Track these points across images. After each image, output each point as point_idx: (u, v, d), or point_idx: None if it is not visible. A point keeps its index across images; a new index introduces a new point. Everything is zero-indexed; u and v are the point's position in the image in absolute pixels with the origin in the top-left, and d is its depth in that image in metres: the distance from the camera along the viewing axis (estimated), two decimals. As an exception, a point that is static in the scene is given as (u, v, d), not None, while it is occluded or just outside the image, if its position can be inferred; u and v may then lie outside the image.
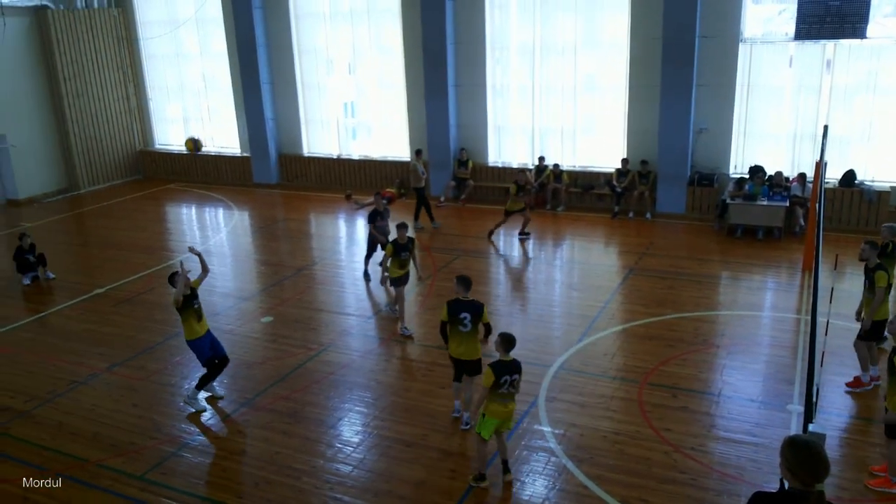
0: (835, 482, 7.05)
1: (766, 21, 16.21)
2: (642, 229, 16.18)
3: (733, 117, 16.67)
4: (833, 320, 9.26)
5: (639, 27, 16.91)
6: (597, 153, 18.34)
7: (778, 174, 15.88)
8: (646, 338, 10.51)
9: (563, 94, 18.29)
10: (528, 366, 9.65)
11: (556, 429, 8.22)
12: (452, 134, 19.21)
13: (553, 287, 13.26)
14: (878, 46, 15.41)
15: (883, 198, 15.44)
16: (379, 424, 8.46)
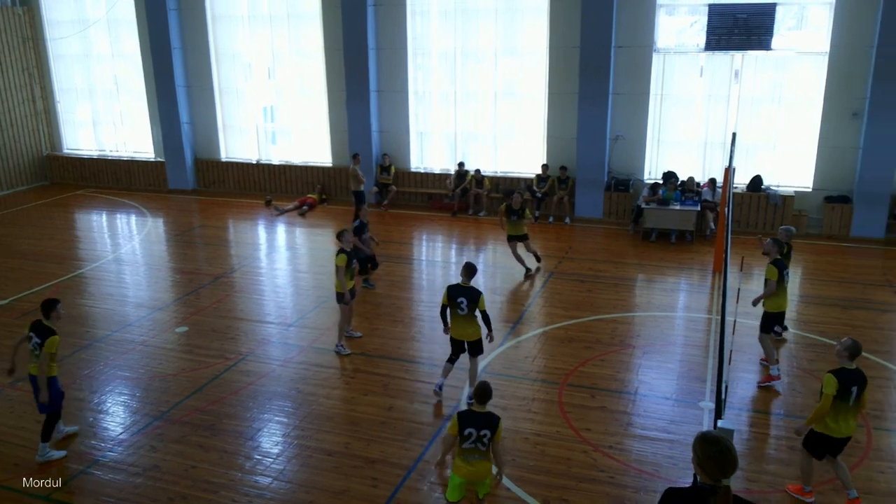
0: (743, 475, 7.32)
1: (678, 32, 16.81)
2: (562, 234, 16.49)
3: (647, 125, 17.22)
4: (741, 319, 9.67)
5: (557, 36, 17.26)
6: (517, 159, 18.62)
7: (690, 180, 16.48)
8: (565, 340, 10.69)
9: (484, 101, 18.50)
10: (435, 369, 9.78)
11: (479, 432, 8.25)
12: (374, 139, 19.14)
13: (475, 292, 13.34)
14: (782, 58, 16.20)
15: (787, 202, 16.21)
16: (299, 434, 8.31)
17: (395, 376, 9.64)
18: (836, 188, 16.22)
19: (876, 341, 10.57)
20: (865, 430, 8.18)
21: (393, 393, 9.20)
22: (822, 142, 16.08)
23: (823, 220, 16.21)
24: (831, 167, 16.15)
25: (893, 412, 8.72)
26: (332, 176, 20.00)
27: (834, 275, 13.67)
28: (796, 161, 16.52)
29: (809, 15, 15.95)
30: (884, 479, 7.31)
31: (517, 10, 17.67)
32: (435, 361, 10.16)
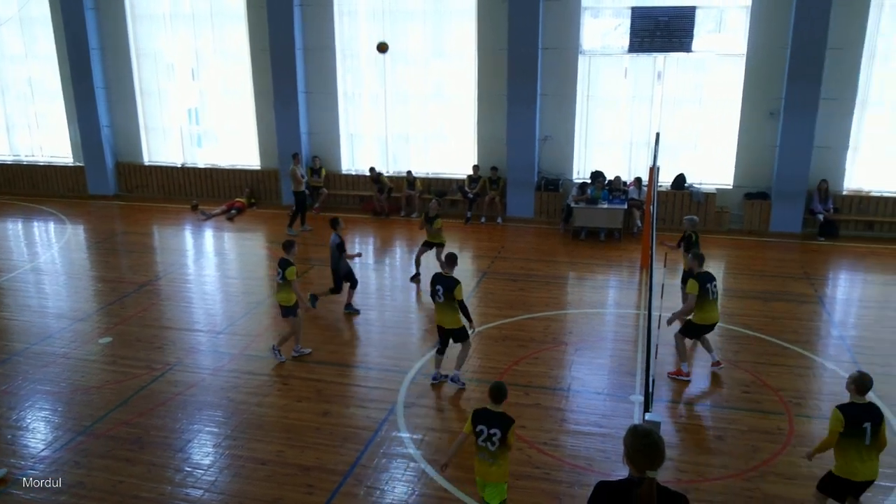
0: (673, 465, 7.51)
1: (603, 35, 17.17)
2: (494, 234, 16.62)
3: (575, 125, 17.51)
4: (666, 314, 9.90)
5: (485, 38, 17.40)
6: (449, 160, 18.67)
7: (617, 179, 16.85)
8: (499, 339, 10.77)
9: (415, 102, 18.49)
10: (385, 373, 9.74)
11: (415, 434, 8.24)
12: (304, 141, 18.88)
13: (409, 294, 13.29)
14: (702, 60, 16.73)
15: (710, 199, 16.75)
16: (231, 444, 8.11)
17: (330, 381, 9.52)
18: (756, 185, 16.84)
19: (795, 332, 11.00)
20: (787, 417, 8.49)
21: (327, 398, 9.08)
22: (742, 140, 16.68)
23: (744, 216, 16.81)
24: (750, 165, 16.77)
25: (813, 399, 9.09)
26: (261, 179, 19.64)
27: (755, 268, 14.18)
28: (717, 159, 17.09)
29: (727, 18, 16.52)
30: (806, 464, 7.59)
31: (445, 13, 17.73)
32: (370, 365, 10.10)
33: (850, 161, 16.44)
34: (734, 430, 8.25)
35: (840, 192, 16.52)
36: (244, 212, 18.67)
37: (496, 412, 6.12)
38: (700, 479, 7.38)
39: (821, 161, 16.20)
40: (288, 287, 9.71)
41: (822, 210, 16.13)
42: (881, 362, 9.93)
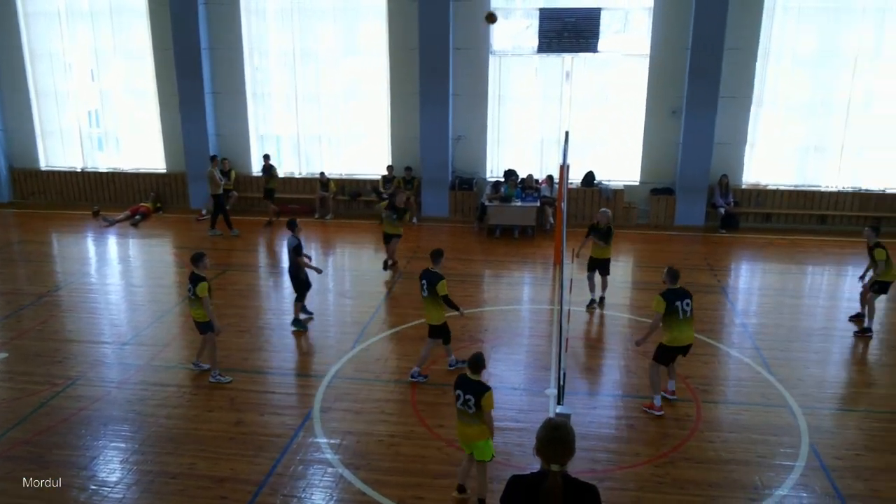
0: (588, 456, 7.66)
1: (514, 35, 17.40)
2: (409, 234, 16.54)
3: (487, 125, 17.69)
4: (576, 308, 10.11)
5: (396, 38, 17.36)
6: (362, 160, 18.53)
7: (529, 177, 17.12)
8: (416, 339, 10.74)
9: (327, 102, 18.27)
10: (301, 378, 9.58)
11: (332, 439, 8.12)
12: (212, 143, 18.36)
13: (325, 296, 13.11)
14: (608, 60, 17.18)
15: (618, 195, 17.23)
16: (139, 459, 7.78)
17: (243, 389, 9.27)
18: (661, 181, 17.43)
19: (701, 321, 11.37)
20: (695, 404, 8.81)
21: (241, 407, 8.84)
22: (647, 138, 17.23)
23: (650, 211, 17.37)
24: (655, 162, 17.34)
25: (719, 385, 9.47)
26: (167, 183, 19.00)
27: (662, 261, 14.58)
28: (624, 157, 17.60)
29: (632, 19, 17.02)
30: (712, 447, 7.90)
31: (356, 11, 17.60)
32: (285, 371, 9.90)
33: (748, 156, 17.24)
34: (645, 418, 8.50)
35: (739, 186, 17.29)
36: (149, 217, 18.01)
37: (473, 380, 6.62)
38: (614, 467, 7.56)
39: (721, 157, 16.92)
40: (200, 303, 9.33)
41: (722, 204, 16.84)
42: (781, 347, 10.44)
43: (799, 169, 17.31)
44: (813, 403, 8.80)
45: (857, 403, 9.00)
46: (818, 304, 12.91)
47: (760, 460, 7.64)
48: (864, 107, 16.72)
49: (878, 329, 11.29)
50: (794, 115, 17.05)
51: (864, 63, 16.42)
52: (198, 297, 9.14)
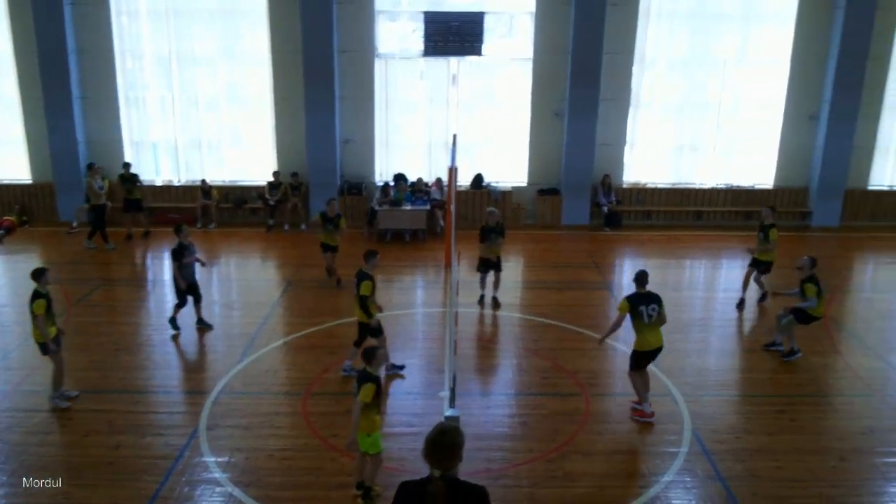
0: (482, 455, 7.67)
1: (401, 38, 17.34)
2: (298, 241, 16.23)
3: (375, 128, 17.56)
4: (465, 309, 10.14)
5: (279, 41, 16.95)
6: (247, 167, 17.99)
7: (419, 180, 17.11)
8: (307, 348, 10.49)
9: (207, 106, 17.62)
10: (186, 395, 9.14)
11: (220, 457, 7.77)
12: (81, 151, 17.32)
13: (211, 308, 12.55)
14: (494, 63, 17.42)
15: (507, 196, 17.49)
16: (7, 493, 7.17)
17: (122, 411, 8.73)
18: (547, 182, 17.83)
19: (588, 317, 11.73)
20: (584, 398, 9.00)
21: (120, 429, 8.32)
22: (533, 140, 17.59)
23: (538, 212, 17.74)
24: (541, 163, 17.73)
25: (606, 378, 9.72)
26: (34, 194, 17.78)
27: (549, 260, 14.99)
28: (512, 159, 17.89)
29: (517, 24, 17.32)
30: (601, 439, 8.09)
31: (234, 13, 17.05)
32: (168, 388, 9.41)
33: (628, 156, 17.90)
34: (537, 415, 8.62)
35: (621, 186, 17.92)
36: (14, 232, 16.77)
37: (363, 371, 6.72)
38: (507, 465, 7.61)
39: (603, 157, 17.48)
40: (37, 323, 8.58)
41: (606, 203, 17.41)
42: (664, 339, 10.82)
43: (675, 168, 18.13)
44: (694, 391, 9.18)
45: (735, 389, 9.46)
46: (697, 295, 13.53)
47: (647, 448, 7.90)
48: (734, 108, 17.70)
49: (753, 317, 11.95)
50: (669, 116, 17.84)
51: (732, 66, 17.39)
52: (35, 316, 8.51)
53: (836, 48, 16.68)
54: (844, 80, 16.77)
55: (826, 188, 17.44)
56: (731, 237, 16.79)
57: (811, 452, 7.86)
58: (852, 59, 16.63)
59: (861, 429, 8.40)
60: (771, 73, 17.38)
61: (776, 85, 17.41)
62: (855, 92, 16.87)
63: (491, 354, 10.63)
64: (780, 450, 7.89)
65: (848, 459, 7.73)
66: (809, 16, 16.88)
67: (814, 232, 17.46)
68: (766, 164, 17.97)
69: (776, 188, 18.01)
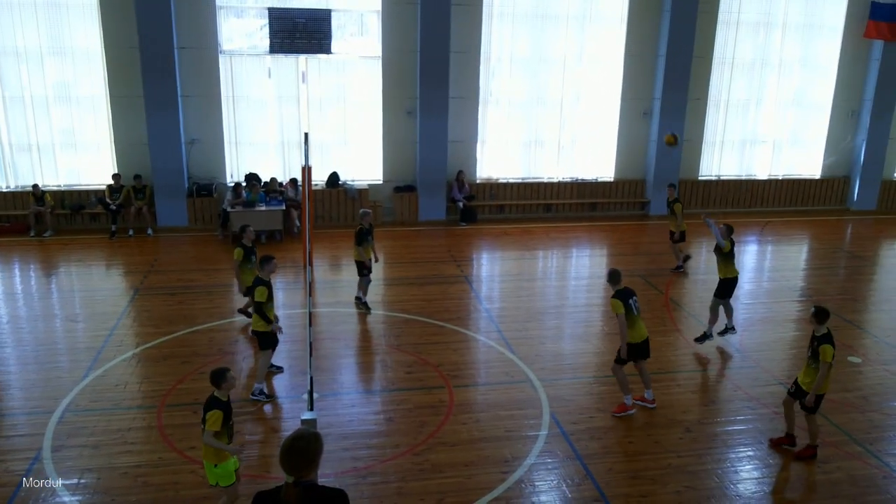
0: (350, 455, 7.65)
1: (248, 35, 16.84)
2: (145, 246, 15.42)
3: (223, 127, 16.98)
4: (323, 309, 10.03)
5: (111, 35, 15.99)
6: (83, 170, 16.85)
7: (272, 180, 16.72)
8: (160, 359, 10.00)
9: (35, 106, 16.33)
10: (27, 417, 8.47)
11: (69, 479, 7.25)
12: None
13: (52, 322, 11.67)
14: (344, 61, 17.30)
15: (363, 194, 17.47)
16: None
17: (-50, 438, 7.97)
18: (403, 179, 17.98)
19: (448, 310, 11.97)
20: (447, 389, 9.18)
21: (-52, 459, 7.58)
22: (386, 138, 17.68)
23: (395, 209, 17.85)
24: (396, 160, 17.85)
25: (468, 369, 9.96)
26: None
27: (408, 256, 15.13)
28: (367, 156, 17.88)
29: (366, 22, 17.29)
30: (466, 429, 8.29)
31: (61, 5, 15.86)
32: (6, 410, 8.66)
33: (480, 152, 18.39)
34: (402, 410, 8.70)
35: (474, 181, 18.38)
36: None
37: (212, 396, 6.25)
38: (375, 462, 7.63)
39: (456, 154, 17.87)
40: None
41: (460, 198, 17.80)
42: (520, 327, 11.26)
43: (524, 162, 18.84)
44: (550, 376, 9.61)
45: (587, 371, 9.97)
46: (549, 285, 14.15)
47: (509, 434, 8.18)
48: (575, 105, 18.62)
49: (600, 302, 12.64)
50: (515, 112, 18.49)
51: (571, 65, 18.28)
52: None
53: (664, 47, 17.98)
54: (672, 78, 18.11)
55: (660, 180, 18.75)
56: (579, 227, 17.68)
57: (659, 426, 8.45)
58: (679, 58, 17.99)
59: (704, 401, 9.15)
60: (606, 71, 18.46)
61: (612, 83, 18.52)
62: (682, 88, 18.26)
63: (355, 353, 10.59)
64: (631, 426, 8.42)
65: (693, 430, 8.38)
66: (639, 17, 18.08)
67: (651, 220, 18.74)
68: (606, 158, 19.07)
69: (617, 180, 19.15)
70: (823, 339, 7.52)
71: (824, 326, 7.57)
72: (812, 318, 7.63)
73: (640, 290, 12.95)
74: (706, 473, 7.57)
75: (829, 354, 7.44)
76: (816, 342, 7.54)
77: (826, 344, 7.47)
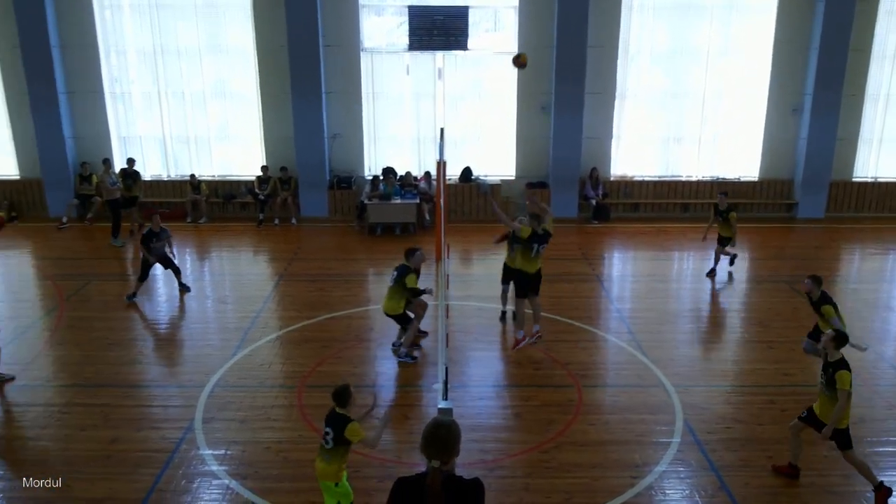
0: (478, 447, 7.77)
1: (387, 32, 17.35)
2: (289, 235, 16.25)
3: (363, 122, 17.58)
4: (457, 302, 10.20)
5: (264, 35, 16.91)
6: (235, 161, 17.97)
7: (407, 174, 17.15)
8: (301, 342, 10.54)
9: (194, 101, 17.55)
10: (181, 389, 9.16)
11: (217, 450, 7.82)
12: (69, 147, 17.24)
13: (204, 302, 12.60)
14: (479, 57, 17.46)
15: (495, 190, 17.54)
16: (6, 486, 7.19)
17: (117, 405, 8.76)
18: (535, 175, 17.93)
19: (578, 309, 11.85)
20: (576, 389, 9.12)
21: (115, 423, 8.34)
22: (520, 133, 17.68)
23: (526, 205, 17.79)
24: (529, 156, 17.82)
25: (598, 370, 9.85)
26: (22, 190, 17.68)
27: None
28: (500, 152, 17.98)
29: (501, 17, 17.37)
30: (594, 430, 8.20)
31: (219, 6, 16.96)
32: (163, 382, 9.43)
33: (615, 149, 18.03)
34: (530, 406, 8.72)
35: (608, 178, 18.06)
36: (3, 227, 16.63)
37: (337, 413, 6.07)
38: (503, 456, 7.70)
39: (590, 150, 17.61)
40: None
41: (594, 195, 17.54)
42: (653, 330, 10.98)
43: (662, 160, 18.29)
44: (685, 382, 9.31)
45: (725, 379, 9.60)
46: (685, 287, 13.70)
47: (639, 439, 8.01)
48: (718, 100, 17.87)
49: (740, 308, 12.12)
50: (654, 108, 17.98)
51: (714, 59, 17.54)
52: None
53: (818, 40, 16.88)
54: (826, 72, 16.98)
55: (811, 180, 17.66)
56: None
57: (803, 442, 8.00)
58: (833, 50, 16.84)
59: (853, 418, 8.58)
60: (753, 65, 17.56)
61: (759, 77, 17.60)
62: (836, 84, 17.09)
63: (484, 347, 10.70)
64: (770, 440, 8.02)
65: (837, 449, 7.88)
66: (790, 7, 17.07)
67: (799, 223, 17.70)
68: (751, 156, 18.17)
69: (762, 180, 18.22)
70: (839, 364, 6.72)
71: (839, 352, 6.77)
72: (830, 341, 6.79)
73: (785, 298, 12.36)
74: (853, 496, 7.11)
75: (846, 381, 6.64)
76: (832, 368, 6.74)
77: (843, 370, 6.66)
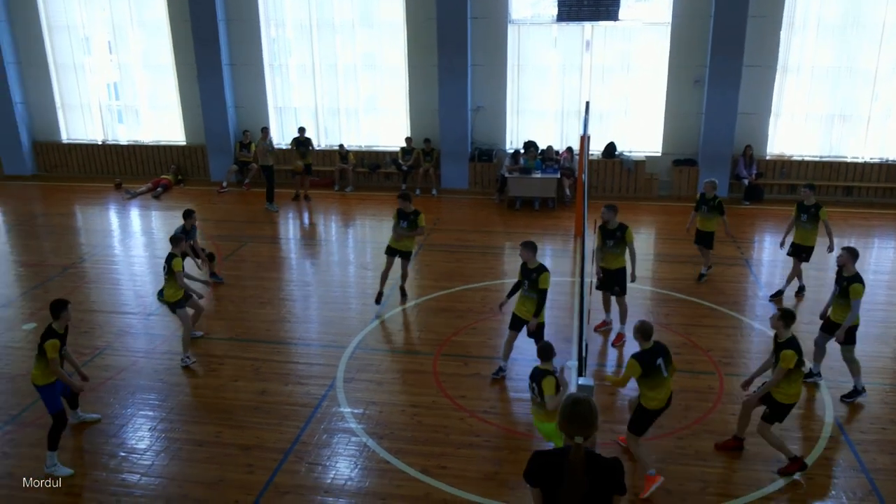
0: (609, 427, 7.68)
1: (533, 4, 17.14)
2: (429, 205, 16.55)
3: (507, 95, 17.53)
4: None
5: (413, 8, 17.17)
6: (381, 133, 18.48)
7: (549, 148, 16.98)
8: (437, 311, 10.78)
9: (345, 73, 18.17)
10: (324, 349, 9.65)
11: (356, 408, 8.20)
12: (231, 115, 18.38)
13: (346, 268, 13.19)
14: (629, 28, 16.90)
15: (639, 167, 17.06)
16: (167, 427, 7.92)
17: (266, 359, 9.38)
18: (683, 152, 17.23)
19: (723, 293, 11.37)
20: (717, 376, 8.78)
21: (265, 377, 8.95)
22: (669, 108, 17.00)
23: (672, 183, 17.20)
24: (677, 132, 17.12)
25: (741, 358, 9.43)
26: (188, 155, 19.09)
27: (683, 233, 14.47)
28: (646, 127, 17.39)
29: (654, -14, 16.71)
30: (735, 420, 7.86)
31: (372, -20, 17.40)
32: (308, 341, 9.97)
33: (773, 126, 16.98)
34: (668, 391, 8.48)
35: (764, 157, 17.05)
36: (171, 189, 18.11)
37: (540, 369, 6.78)
38: (635, 439, 7.56)
39: (745, 127, 16.67)
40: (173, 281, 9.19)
41: (746, 175, 16.63)
42: (805, 320, 10.33)
43: (824, 139, 17.03)
44: (837, 377, 8.73)
45: (883, 377, 8.92)
46: (842, 276, 12.74)
47: (784, 433, 7.60)
48: (891, 76, 16.36)
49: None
50: (819, 84, 16.71)
51: (891, 31, 16.04)
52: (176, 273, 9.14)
53: None
54: None
55: None
56: (885, 215, 15.67)
57: (967, 449, 7.35)
58: None
59: None
60: (941, 37, 15.91)
61: (946, 50, 15.94)
62: None
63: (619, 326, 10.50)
64: (932, 444, 7.42)
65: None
66: None
67: (982, 212, 15.99)
68: (929, 137, 16.55)
69: (939, 163, 16.58)
70: (787, 344, 6.83)
71: (790, 331, 6.88)
72: (778, 319, 6.91)
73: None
74: None
75: (791, 360, 6.76)
76: (778, 347, 6.89)
77: (789, 349, 6.78)
